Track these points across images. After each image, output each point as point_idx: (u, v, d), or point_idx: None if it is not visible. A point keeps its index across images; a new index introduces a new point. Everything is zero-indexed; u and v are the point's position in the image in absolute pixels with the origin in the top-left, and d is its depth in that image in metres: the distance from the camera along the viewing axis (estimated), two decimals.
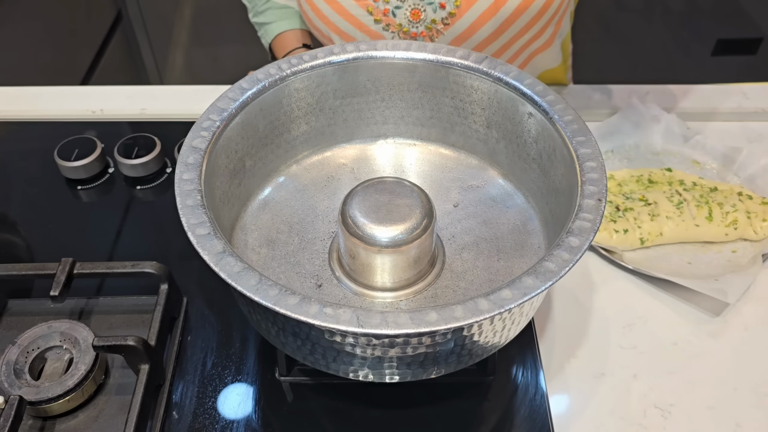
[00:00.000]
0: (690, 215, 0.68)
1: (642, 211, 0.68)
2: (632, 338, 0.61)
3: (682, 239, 0.68)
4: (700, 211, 0.68)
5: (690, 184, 0.73)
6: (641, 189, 0.72)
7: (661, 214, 0.68)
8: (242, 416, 0.55)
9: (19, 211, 0.74)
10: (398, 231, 0.49)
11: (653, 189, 0.72)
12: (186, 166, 0.48)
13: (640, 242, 0.67)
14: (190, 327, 0.61)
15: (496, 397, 0.57)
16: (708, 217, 0.68)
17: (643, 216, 0.68)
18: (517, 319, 0.47)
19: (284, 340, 0.47)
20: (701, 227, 0.68)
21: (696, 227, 0.68)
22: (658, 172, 0.74)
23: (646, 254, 0.68)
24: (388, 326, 0.38)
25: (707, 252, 0.68)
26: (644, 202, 0.70)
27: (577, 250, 0.42)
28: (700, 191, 0.71)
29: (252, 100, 0.55)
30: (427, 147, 0.65)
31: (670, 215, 0.68)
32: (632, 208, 0.69)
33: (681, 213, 0.68)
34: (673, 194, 0.70)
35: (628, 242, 0.67)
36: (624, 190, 0.72)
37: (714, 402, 0.57)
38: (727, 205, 0.69)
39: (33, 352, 0.54)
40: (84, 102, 0.87)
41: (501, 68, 0.56)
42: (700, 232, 0.68)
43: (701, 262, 0.67)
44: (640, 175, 0.74)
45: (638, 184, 0.73)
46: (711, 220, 0.68)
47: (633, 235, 0.67)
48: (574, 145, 0.50)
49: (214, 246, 0.43)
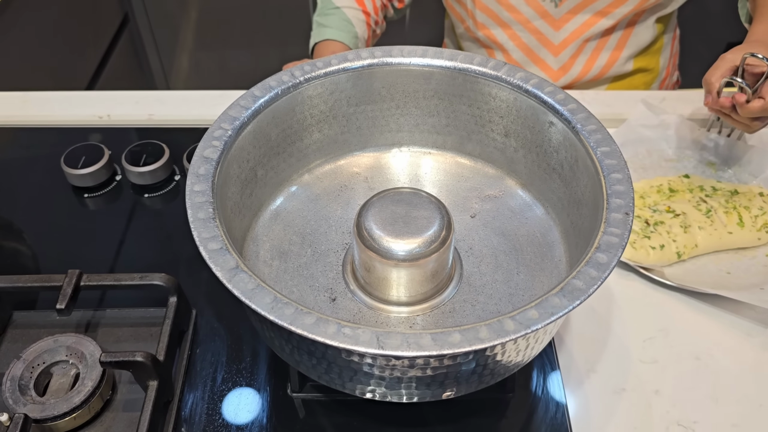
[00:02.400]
0: (721, 223, 0.67)
1: (673, 224, 0.67)
2: (653, 352, 0.60)
3: (716, 248, 0.67)
4: (729, 217, 0.67)
5: (710, 190, 0.72)
6: (664, 199, 0.71)
7: (692, 224, 0.67)
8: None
9: (25, 219, 0.72)
10: (416, 244, 0.47)
11: (676, 198, 0.71)
12: (197, 177, 0.47)
13: (677, 256, 0.66)
14: (199, 340, 0.59)
15: (515, 414, 0.55)
16: (739, 223, 0.67)
17: (675, 229, 0.67)
18: (541, 337, 0.45)
19: (299, 358, 0.45)
20: (734, 234, 0.67)
21: (729, 234, 0.67)
22: (676, 180, 0.73)
23: (684, 268, 0.66)
24: (410, 348, 0.37)
25: (742, 259, 0.67)
26: (672, 213, 0.68)
27: (605, 267, 0.41)
28: (722, 196, 0.70)
29: (264, 108, 0.54)
30: (443, 156, 0.63)
31: (702, 225, 0.67)
32: (662, 222, 0.68)
33: (712, 222, 0.67)
34: (698, 202, 0.69)
35: (666, 258, 0.66)
36: (648, 203, 0.71)
37: (738, 419, 0.55)
38: (753, 209, 0.68)
39: (38, 368, 0.53)
40: (91, 107, 0.86)
41: (521, 76, 0.55)
42: (734, 240, 0.67)
43: (739, 270, 0.66)
44: (660, 184, 0.73)
45: (660, 194, 0.72)
46: (743, 226, 0.67)
47: (669, 250, 0.66)
48: (598, 155, 0.48)
49: (227, 261, 0.41)
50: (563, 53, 0.89)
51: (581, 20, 0.86)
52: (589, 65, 0.91)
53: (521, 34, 0.89)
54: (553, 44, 0.89)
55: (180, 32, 1.91)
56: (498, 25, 0.89)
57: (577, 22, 0.86)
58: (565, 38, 0.88)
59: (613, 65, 0.91)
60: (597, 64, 0.91)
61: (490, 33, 0.90)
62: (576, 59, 0.90)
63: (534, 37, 0.89)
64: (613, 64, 0.91)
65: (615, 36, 0.89)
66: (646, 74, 0.95)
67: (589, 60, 0.90)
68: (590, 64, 0.91)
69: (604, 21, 0.86)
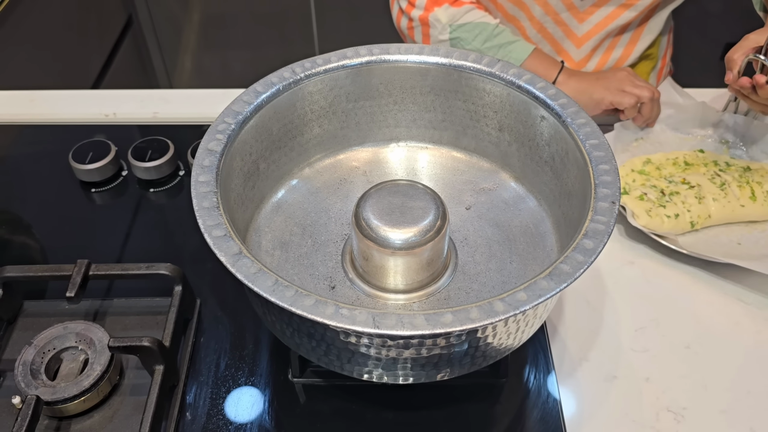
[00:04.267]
0: (734, 196, 0.70)
1: (688, 195, 0.70)
2: (644, 341, 0.61)
3: (728, 220, 0.70)
4: (743, 191, 0.70)
5: (724, 165, 0.75)
6: (680, 172, 0.74)
7: (706, 196, 0.70)
8: (255, 417, 0.55)
9: (33, 214, 0.74)
10: (411, 233, 0.49)
11: (691, 171, 0.74)
12: (202, 168, 0.49)
13: (690, 225, 0.69)
14: (203, 328, 0.61)
15: (509, 399, 0.57)
16: (751, 197, 0.70)
17: (690, 199, 0.69)
18: (531, 321, 0.47)
19: (299, 341, 0.47)
20: (746, 207, 0.70)
21: (741, 207, 0.70)
22: (691, 154, 0.76)
23: (696, 237, 0.69)
24: (404, 327, 0.38)
25: (753, 231, 0.70)
26: (687, 185, 0.71)
27: (591, 252, 0.42)
28: (736, 171, 0.73)
29: (266, 103, 0.56)
30: (439, 150, 0.65)
31: (716, 197, 0.69)
32: (678, 192, 0.70)
33: (726, 194, 0.70)
34: (713, 176, 0.72)
35: (680, 227, 0.68)
36: (664, 174, 0.74)
37: (727, 406, 0.57)
38: (766, 184, 0.71)
39: (49, 353, 0.55)
40: (97, 106, 0.88)
41: (513, 71, 0.57)
42: (746, 212, 0.70)
43: (750, 242, 0.69)
44: (675, 157, 0.76)
45: (675, 166, 0.75)
46: (755, 199, 0.70)
47: (684, 219, 0.68)
48: (587, 148, 0.50)
49: (231, 247, 0.43)
50: (585, 46, 0.91)
51: (605, 13, 0.87)
52: (605, 59, 0.93)
53: (548, 26, 0.90)
54: (576, 36, 0.90)
55: (183, 33, 1.94)
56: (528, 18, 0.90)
57: (601, 15, 0.87)
58: (588, 30, 0.89)
59: (626, 60, 0.93)
60: (612, 57, 0.93)
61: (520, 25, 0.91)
62: (595, 52, 0.92)
63: (560, 29, 0.90)
64: (627, 58, 0.93)
65: (628, 33, 0.91)
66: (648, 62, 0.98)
67: (605, 54, 0.92)
68: (606, 58, 0.93)
69: (627, 13, 0.87)
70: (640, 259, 0.69)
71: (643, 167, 0.75)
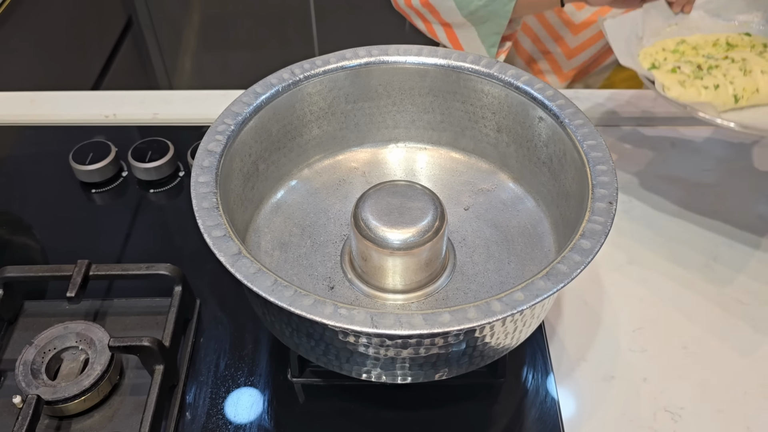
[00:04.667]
0: None
1: (731, 68, 0.59)
2: (642, 341, 0.62)
3: None
4: None
5: None
6: (722, 52, 0.63)
7: (754, 69, 0.59)
8: (255, 417, 0.55)
9: (34, 214, 0.75)
10: (410, 234, 0.49)
11: (735, 51, 0.63)
12: (202, 169, 0.49)
13: (734, 100, 0.59)
14: (203, 329, 0.62)
15: (507, 399, 0.57)
16: None
17: (733, 71, 0.59)
18: (529, 320, 0.47)
19: (298, 341, 0.47)
20: None
21: None
22: (735, 36, 0.65)
23: (740, 116, 0.58)
24: (402, 327, 0.39)
25: None
26: (730, 60, 0.60)
27: (588, 253, 0.43)
28: None
29: (266, 104, 0.56)
30: (437, 151, 0.65)
31: (765, 70, 0.59)
32: (718, 66, 0.60)
33: None
34: (761, 51, 0.62)
35: (720, 99, 0.58)
36: (701, 53, 0.63)
37: (724, 405, 0.57)
38: None
39: (50, 353, 0.55)
40: (97, 106, 0.88)
41: (512, 73, 0.57)
42: None
43: None
44: (717, 39, 0.65)
45: (716, 48, 0.64)
46: None
47: (725, 92, 0.58)
48: (584, 148, 0.50)
49: (230, 248, 0.43)
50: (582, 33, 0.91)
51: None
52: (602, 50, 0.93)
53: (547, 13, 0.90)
54: (573, 23, 0.90)
55: (183, 34, 1.94)
56: None
57: None
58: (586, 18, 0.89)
59: None
60: None
61: None
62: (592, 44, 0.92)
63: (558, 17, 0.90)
64: None
65: None
66: None
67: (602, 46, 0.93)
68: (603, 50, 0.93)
69: None
70: (638, 259, 0.69)
71: (677, 47, 0.64)
